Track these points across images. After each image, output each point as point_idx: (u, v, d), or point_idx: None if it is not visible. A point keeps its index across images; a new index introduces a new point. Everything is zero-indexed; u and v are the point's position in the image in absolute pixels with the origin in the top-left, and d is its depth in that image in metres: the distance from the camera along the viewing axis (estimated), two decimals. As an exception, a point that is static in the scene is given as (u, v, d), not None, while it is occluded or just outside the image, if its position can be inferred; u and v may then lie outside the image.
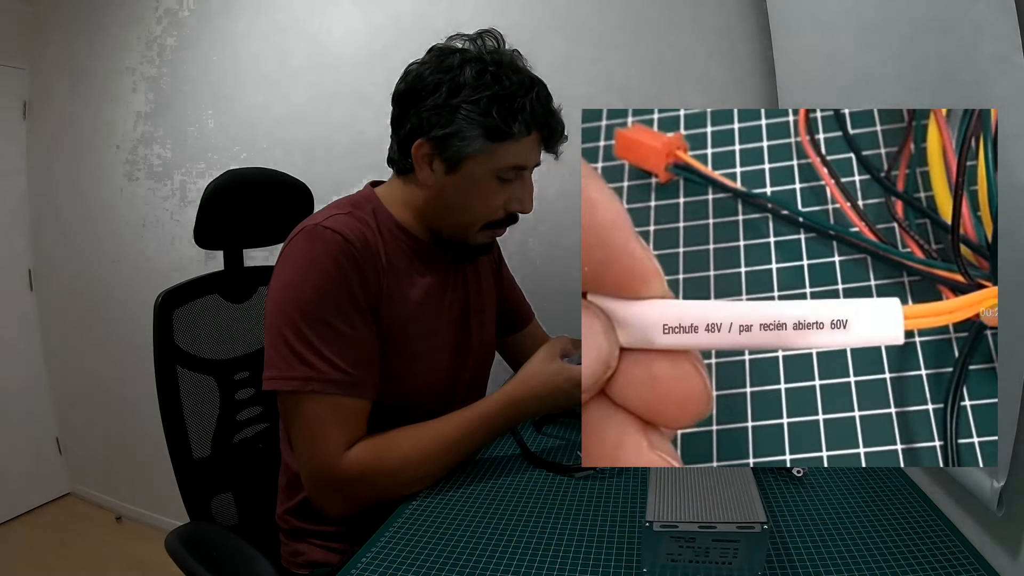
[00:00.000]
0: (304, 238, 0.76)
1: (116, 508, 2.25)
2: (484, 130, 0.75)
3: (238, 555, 0.78)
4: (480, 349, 0.96)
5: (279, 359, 0.73)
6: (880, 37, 0.71)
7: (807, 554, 0.56)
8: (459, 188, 0.80)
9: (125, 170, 2.04)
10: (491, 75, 0.76)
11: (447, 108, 0.76)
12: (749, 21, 1.23)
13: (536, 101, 0.77)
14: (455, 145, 0.76)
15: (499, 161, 0.78)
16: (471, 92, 0.75)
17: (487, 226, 0.84)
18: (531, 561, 0.59)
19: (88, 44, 2.08)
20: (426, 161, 0.80)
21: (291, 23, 1.69)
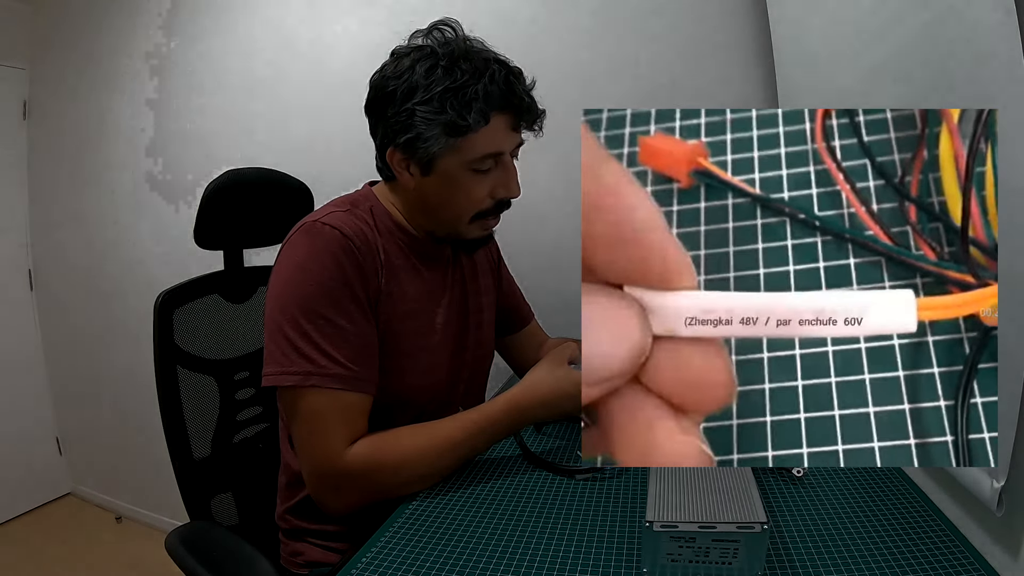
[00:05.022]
0: (303, 234, 0.76)
1: (116, 508, 2.26)
2: (443, 127, 0.74)
3: (238, 555, 0.78)
4: (478, 348, 0.96)
5: (279, 354, 0.73)
6: (880, 37, 0.72)
7: (807, 554, 0.56)
8: (439, 187, 0.80)
9: (125, 170, 2.04)
10: (441, 70, 0.74)
11: (404, 113, 0.75)
12: (749, 21, 1.23)
13: (490, 85, 0.74)
14: (420, 148, 0.76)
15: (468, 153, 0.77)
16: (424, 92, 0.74)
17: (477, 217, 0.83)
18: (531, 561, 0.59)
19: (88, 44, 2.08)
20: (403, 167, 0.80)
21: (291, 23, 1.70)
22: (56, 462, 2.38)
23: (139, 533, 2.14)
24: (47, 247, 2.30)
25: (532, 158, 1.33)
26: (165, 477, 0.93)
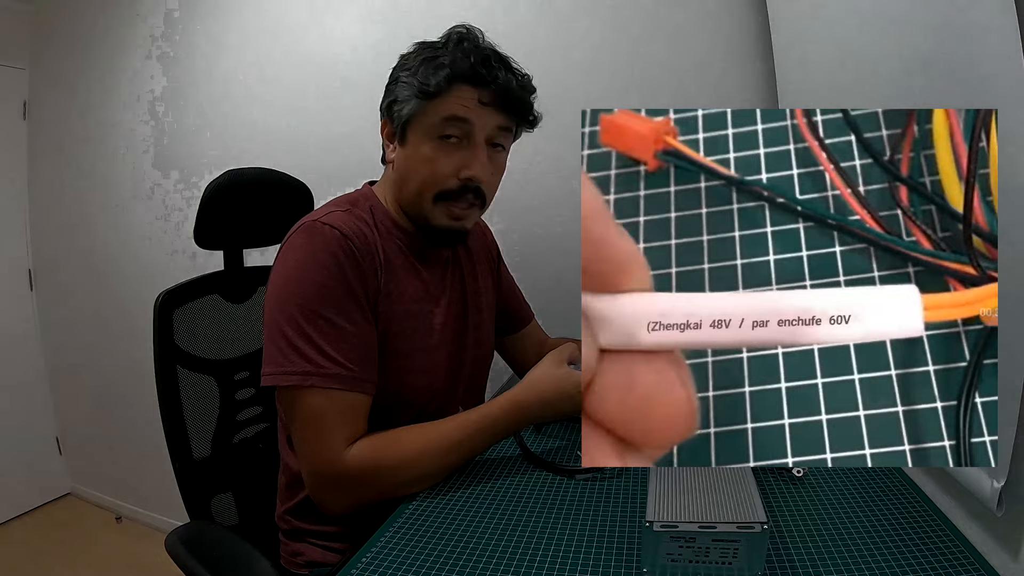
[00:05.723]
0: (302, 234, 0.76)
1: (116, 508, 2.26)
2: (415, 91, 0.78)
3: (238, 555, 0.78)
4: (478, 348, 0.96)
5: (278, 354, 0.73)
6: (880, 37, 0.72)
7: (807, 554, 0.56)
8: (408, 157, 0.81)
9: (125, 170, 2.04)
10: (430, 46, 0.81)
11: (393, 82, 0.82)
12: (749, 21, 1.23)
13: (462, 56, 0.77)
14: (396, 111, 0.81)
15: (432, 116, 0.78)
16: (409, 63, 0.81)
17: (440, 197, 0.81)
18: (531, 561, 0.59)
19: (88, 44, 2.08)
20: (389, 140, 0.84)
21: (292, 22, 1.69)
22: (56, 462, 2.38)
23: (139, 533, 2.14)
24: (47, 247, 2.29)
25: (532, 158, 1.33)
26: (165, 477, 0.93)
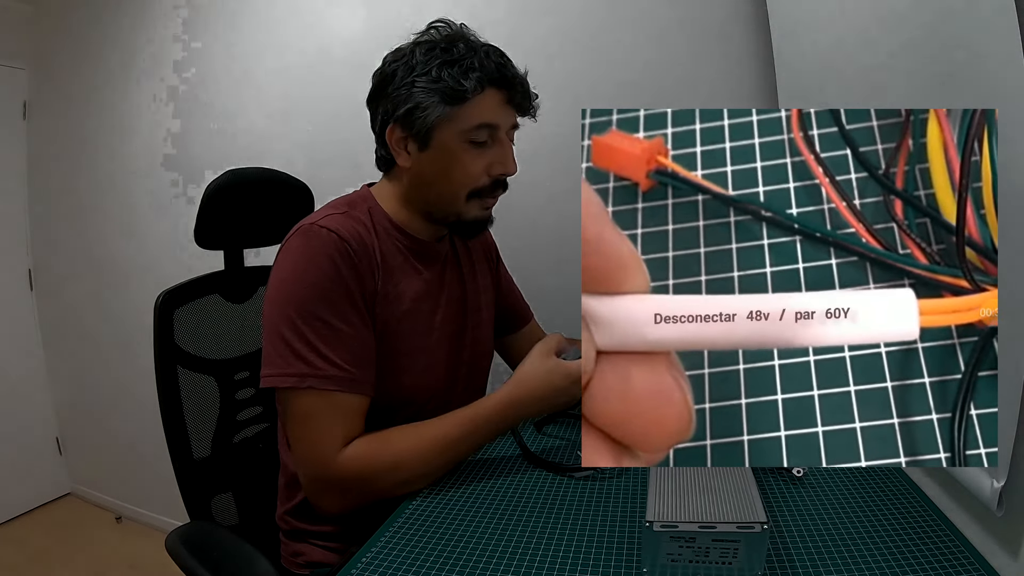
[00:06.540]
0: (300, 237, 0.77)
1: (116, 508, 2.25)
2: (440, 96, 0.77)
3: (238, 555, 0.78)
4: (477, 348, 0.96)
5: (276, 356, 0.74)
6: (880, 38, 0.71)
7: (807, 554, 0.56)
8: (435, 160, 0.80)
9: (125, 170, 2.04)
10: (440, 48, 0.78)
11: (404, 87, 0.78)
12: (749, 21, 1.23)
13: (486, 59, 0.78)
14: (418, 118, 0.78)
15: (464, 122, 0.78)
16: (423, 67, 0.78)
17: (474, 195, 0.83)
18: (531, 561, 0.59)
19: (88, 44, 2.08)
20: (401, 146, 0.81)
21: (293, 23, 1.70)
22: (56, 462, 2.38)
23: (139, 533, 2.14)
24: (47, 247, 2.29)
25: (532, 158, 1.33)
26: (165, 477, 0.93)
